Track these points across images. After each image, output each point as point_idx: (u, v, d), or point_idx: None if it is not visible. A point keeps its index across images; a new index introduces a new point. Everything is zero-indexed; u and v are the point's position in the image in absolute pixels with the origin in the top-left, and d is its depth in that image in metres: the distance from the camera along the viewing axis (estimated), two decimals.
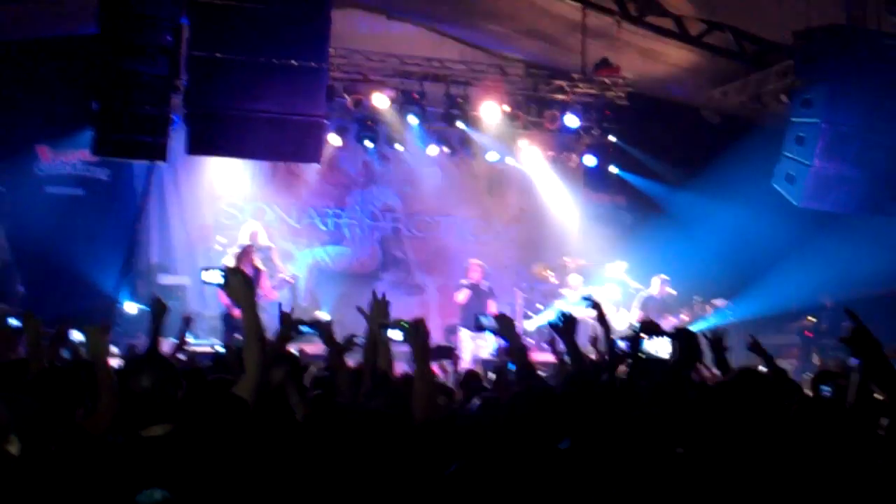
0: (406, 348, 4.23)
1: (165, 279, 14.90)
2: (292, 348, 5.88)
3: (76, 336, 6.87)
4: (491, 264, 14.73)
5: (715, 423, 3.43)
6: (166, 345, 7.88)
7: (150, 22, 10.00)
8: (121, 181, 14.71)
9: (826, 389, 5.36)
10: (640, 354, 3.59)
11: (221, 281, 3.70)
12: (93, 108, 10.16)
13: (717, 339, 5.44)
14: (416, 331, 3.97)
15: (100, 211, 14.28)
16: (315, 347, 9.98)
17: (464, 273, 13.99)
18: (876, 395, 3.80)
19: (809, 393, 5.33)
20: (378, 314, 5.11)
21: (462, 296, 13.62)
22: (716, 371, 5.85)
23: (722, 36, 13.59)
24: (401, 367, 6.08)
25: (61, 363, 5.93)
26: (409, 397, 4.04)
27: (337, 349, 5.33)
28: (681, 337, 3.41)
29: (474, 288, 13.64)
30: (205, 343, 12.50)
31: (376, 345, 5.14)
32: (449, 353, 9.18)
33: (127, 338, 11.73)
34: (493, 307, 13.57)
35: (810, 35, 11.23)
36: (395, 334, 3.97)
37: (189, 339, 9.25)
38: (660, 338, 3.52)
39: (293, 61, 10.50)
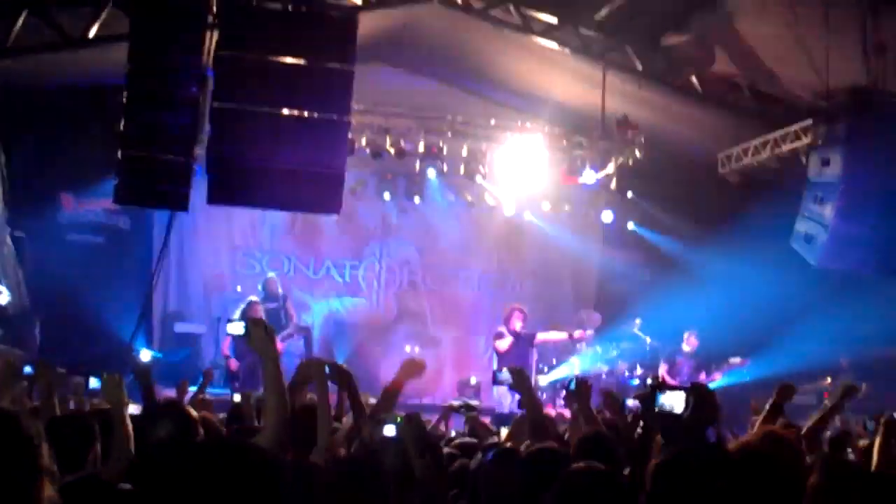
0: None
1: (181, 327, 14.97)
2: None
3: (93, 383, 6.89)
4: None
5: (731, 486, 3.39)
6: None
7: (175, 73, 10.12)
8: (140, 229, 14.87)
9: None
10: (655, 410, 3.52)
11: (243, 332, 3.72)
12: (116, 156, 10.25)
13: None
14: (410, 425, 3.78)
15: (119, 259, 14.42)
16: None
17: (503, 320, 13.06)
18: None
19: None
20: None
21: (504, 344, 12.66)
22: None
23: (741, 95, 13.67)
24: None
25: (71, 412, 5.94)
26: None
27: (355, 399, 5.25)
28: (695, 392, 3.37)
29: (516, 336, 12.72)
30: (219, 392, 12.45)
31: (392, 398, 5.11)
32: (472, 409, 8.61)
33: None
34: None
35: (830, 95, 11.27)
36: (388, 430, 3.82)
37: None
38: (673, 392, 3.47)
39: (315, 114, 10.57)
